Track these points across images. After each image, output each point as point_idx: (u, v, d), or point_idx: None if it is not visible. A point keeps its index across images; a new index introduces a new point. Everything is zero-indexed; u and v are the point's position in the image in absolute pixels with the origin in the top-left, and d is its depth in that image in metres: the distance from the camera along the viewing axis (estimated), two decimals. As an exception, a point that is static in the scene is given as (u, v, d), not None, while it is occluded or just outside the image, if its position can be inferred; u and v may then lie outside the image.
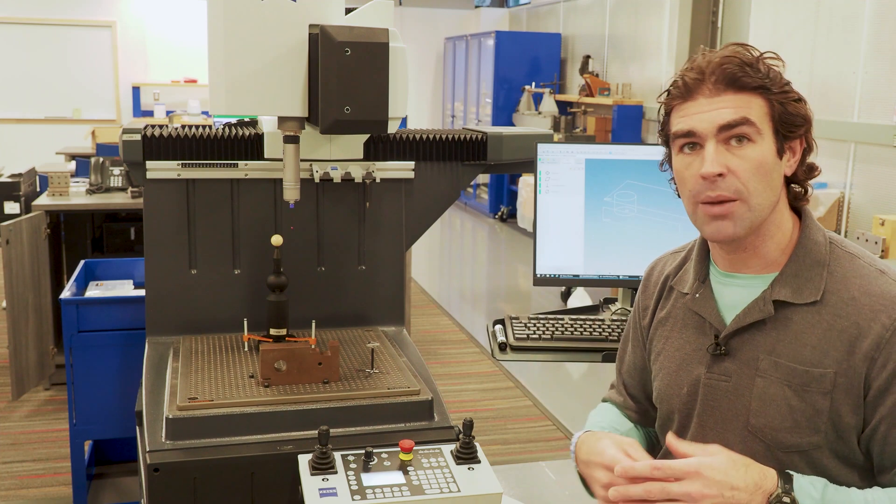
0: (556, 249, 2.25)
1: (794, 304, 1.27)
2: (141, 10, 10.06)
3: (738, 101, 1.24)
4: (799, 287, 1.27)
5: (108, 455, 3.32)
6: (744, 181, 1.24)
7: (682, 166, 1.30)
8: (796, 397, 1.24)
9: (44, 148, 8.40)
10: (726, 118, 1.23)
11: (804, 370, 1.24)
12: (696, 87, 1.26)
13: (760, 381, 1.27)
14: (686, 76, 1.28)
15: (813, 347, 1.24)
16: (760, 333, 1.29)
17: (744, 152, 1.24)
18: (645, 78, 7.89)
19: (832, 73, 5.36)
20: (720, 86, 1.24)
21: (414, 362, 1.96)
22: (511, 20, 11.17)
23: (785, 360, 1.26)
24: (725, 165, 1.23)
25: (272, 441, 1.67)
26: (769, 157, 1.25)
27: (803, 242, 1.30)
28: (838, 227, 5.24)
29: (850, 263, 1.28)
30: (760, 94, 1.25)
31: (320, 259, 2.17)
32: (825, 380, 1.22)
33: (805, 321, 1.26)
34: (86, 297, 2.84)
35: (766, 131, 1.25)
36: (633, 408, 1.56)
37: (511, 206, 9.34)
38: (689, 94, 1.27)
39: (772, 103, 1.25)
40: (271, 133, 2.06)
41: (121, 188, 4.30)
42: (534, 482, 3.46)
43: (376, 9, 1.87)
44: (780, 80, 1.27)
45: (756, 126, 1.23)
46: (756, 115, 1.24)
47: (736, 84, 1.24)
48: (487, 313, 6.06)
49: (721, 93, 1.24)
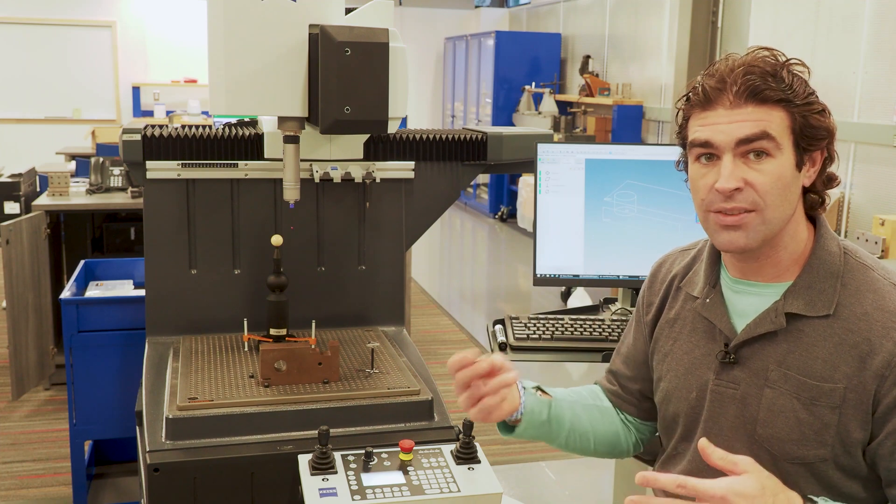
0: (556, 249, 2.25)
1: (806, 317, 1.25)
2: (141, 10, 10.06)
3: (759, 113, 1.20)
4: (812, 299, 1.25)
5: (108, 455, 3.32)
6: (761, 194, 1.21)
7: (697, 175, 1.27)
8: (805, 410, 1.23)
9: (44, 148, 8.40)
10: (745, 132, 1.20)
11: (814, 384, 1.22)
12: (717, 96, 1.22)
13: (769, 391, 1.26)
14: (707, 84, 1.24)
15: (824, 361, 1.23)
16: (771, 344, 1.27)
17: (762, 166, 1.21)
18: (645, 78, 7.89)
19: (832, 73, 5.36)
20: (741, 97, 1.20)
21: (414, 362, 1.96)
22: (511, 20, 11.17)
23: (795, 373, 1.24)
24: (742, 179, 1.21)
25: (272, 441, 1.67)
26: (788, 170, 1.22)
27: (817, 253, 1.28)
28: (838, 228, 5.24)
29: (864, 276, 1.26)
30: (782, 107, 1.21)
31: (320, 259, 2.17)
32: (835, 394, 1.21)
33: (817, 334, 1.24)
34: (86, 297, 2.84)
35: (786, 144, 1.22)
36: (619, 394, 1.56)
37: (511, 206, 9.34)
38: (708, 104, 1.24)
39: (793, 116, 1.21)
40: (271, 133, 2.06)
41: (121, 188, 4.30)
42: (534, 482, 3.46)
43: (376, 9, 1.87)
44: (804, 91, 1.23)
45: (776, 140, 1.20)
46: (776, 129, 1.21)
47: (757, 96, 1.20)
48: (487, 313, 6.05)
49: (741, 105, 1.21)
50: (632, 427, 1.57)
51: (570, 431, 1.49)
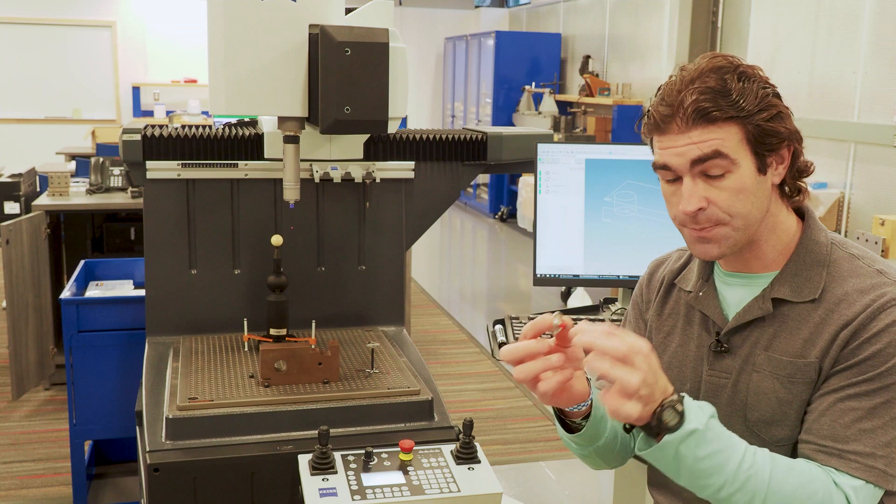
0: (556, 249, 2.25)
1: (792, 302, 1.28)
2: (141, 10, 10.06)
3: (708, 134, 1.21)
4: (798, 286, 1.28)
5: (108, 455, 3.32)
6: (724, 209, 1.24)
7: (667, 193, 1.31)
8: (784, 389, 1.26)
9: (44, 148, 8.40)
10: (696, 153, 1.22)
11: (789, 361, 1.26)
12: (666, 123, 1.24)
13: (756, 375, 1.29)
14: (656, 111, 1.26)
15: (804, 341, 1.26)
16: (759, 330, 1.30)
17: (721, 184, 1.23)
18: (645, 78, 7.89)
19: (832, 73, 5.36)
20: (688, 121, 1.21)
21: (414, 362, 1.96)
22: (511, 20, 11.17)
23: (777, 354, 1.27)
24: (704, 198, 1.24)
25: (272, 441, 1.67)
26: (749, 180, 1.24)
27: (804, 242, 1.31)
28: (838, 227, 5.24)
29: (850, 264, 1.29)
30: (733, 122, 1.22)
31: (320, 259, 2.17)
32: (809, 369, 1.24)
33: (801, 317, 1.27)
34: (86, 297, 2.84)
35: (743, 156, 1.23)
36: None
37: (511, 206, 9.34)
38: (659, 129, 1.26)
39: (746, 127, 1.22)
40: (271, 133, 2.06)
41: (121, 188, 4.30)
42: (534, 482, 3.46)
43: (376, 9, 1.87)
44: (756, 101, 1.22)
45: (729, 157, 1.21)
46: (729, 145, 1.21)
47: (705, 118, 1.21)
48: (487, 313, 6.05)
49: (690, 128, 1.22)
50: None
51: (608, 433, 1.39)
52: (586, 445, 1.36)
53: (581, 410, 1.32)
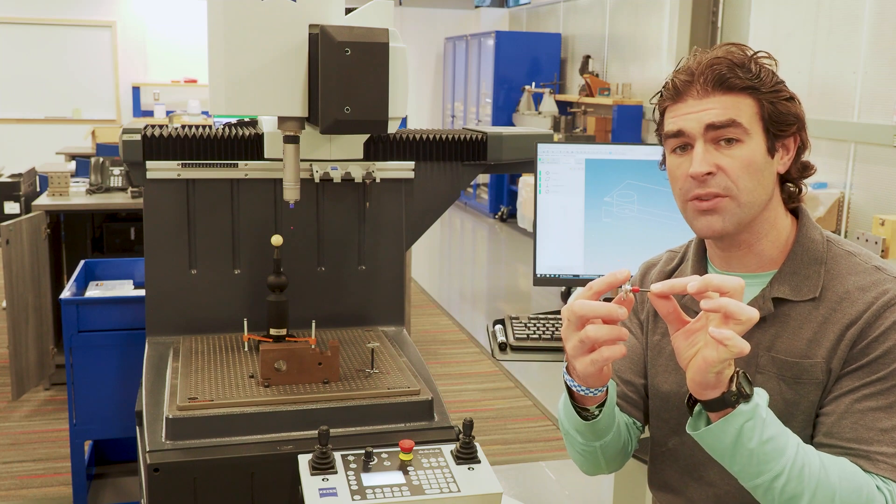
0: (556, 249, 2.25)
1: (792, 301, 1.28)
2: (141, 10, 10.06)
3: (726, 102, 1.25)
4: (797, 285, 1.28)
5: (108, 455, 3.32)
6: (733, 179, 1.25)
7: (673, 166, 1.32)
8: (790, 390, 1.26)
9: (44, 148, 8.40)
10: (713, 118, 1.25)
11: (795, 362, 1.26)
12: (686, 88, 1.28)
13: (759, 377, 1.29)
14: (676, 78, 1.30)
15: (808, 341, 1.26)
16: (759, 331, 1.29)
17: (732, 152, 1.25)
18: (645, 78, 7.89)
19: (832, 73, 5.36)
20: (708, 87, 1.26)
21: (414, 362, 1.96)
22: (511, 20, 11.17)
23: (781, 355, 1.27)
24: (714, 164, 1.25)
25: (272, 441, 1.67)
26: (759, 155, 1.26)
27: (801, 241, 1.32)
28: (838, 227, 5.24)
29: (847, 261, 1.29)
30: (749, 95, 1.26)
31: (320, 259, 2.17)
32: (815, 369, 1.24)
33: (802, 317, 1.27)
34: (86, 298, 2.84)
35: (756, 131, 1.26)
36: (627, 396, 1.53)
37: (511, 206, 9.34)
38: (678, 96, 1.29)
39: (762, 103, 1.26)
40: (271, 133, 2.06)
41: (121, 188, 4.30)
42: (534, 482, 3.46)
43: (376, 9, 1.87)
44: (771, 80, 1.27)
45: (743, 127, 1.25)
46: (745, 116, 1.25)
47: (724, 85, 1.25)
48: (487, 313, 6.05)
49: (709, 94, 1.26)
50: (631, 429, 1.56)
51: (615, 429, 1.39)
52: (592, 440, 1.35)
53: (597, 396, 1.29)
